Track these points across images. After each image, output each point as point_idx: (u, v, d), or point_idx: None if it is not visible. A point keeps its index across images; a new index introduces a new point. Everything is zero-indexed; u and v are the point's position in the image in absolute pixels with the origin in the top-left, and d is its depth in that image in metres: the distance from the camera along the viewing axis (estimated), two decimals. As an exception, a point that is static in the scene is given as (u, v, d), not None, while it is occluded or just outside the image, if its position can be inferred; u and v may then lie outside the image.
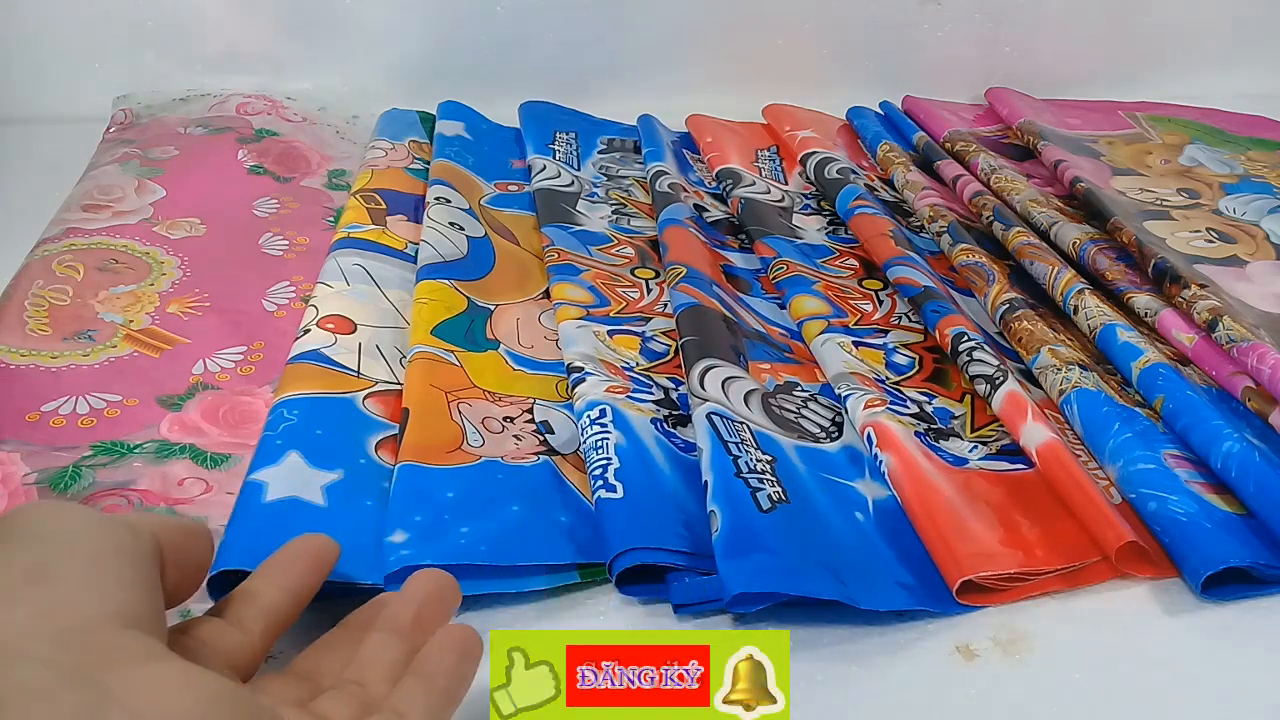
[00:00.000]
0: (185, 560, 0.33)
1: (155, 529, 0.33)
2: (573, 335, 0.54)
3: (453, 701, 0.34)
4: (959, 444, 0.49)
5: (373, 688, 0.34)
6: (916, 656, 0.41)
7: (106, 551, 0.30)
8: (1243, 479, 0.45)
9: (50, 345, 0.54)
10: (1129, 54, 0.88)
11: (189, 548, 0.34)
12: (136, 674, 0.27)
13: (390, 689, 0.33)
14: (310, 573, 0.37)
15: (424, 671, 0.34)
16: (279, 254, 0.63)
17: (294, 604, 0.36)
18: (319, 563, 0.37)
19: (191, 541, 0.34)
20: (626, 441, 0.46)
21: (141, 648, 0.28)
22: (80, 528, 0.31)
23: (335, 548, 0.38)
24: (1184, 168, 0.74)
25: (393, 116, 0.78)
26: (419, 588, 0.37)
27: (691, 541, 0.43)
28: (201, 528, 0.35)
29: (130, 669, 0.27)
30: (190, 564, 0.34)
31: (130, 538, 0.31)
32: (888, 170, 0.72)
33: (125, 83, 0.80)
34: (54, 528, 0.31)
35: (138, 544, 0.31)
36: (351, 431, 0.48)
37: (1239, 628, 0.42)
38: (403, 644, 0.35)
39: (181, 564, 0.33)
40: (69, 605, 0.28)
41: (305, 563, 0.37)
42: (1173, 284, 0.55)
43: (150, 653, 0.28)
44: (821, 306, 0.58)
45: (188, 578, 0.34)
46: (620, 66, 0.84)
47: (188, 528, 0.34)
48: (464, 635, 0.35)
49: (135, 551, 0.31)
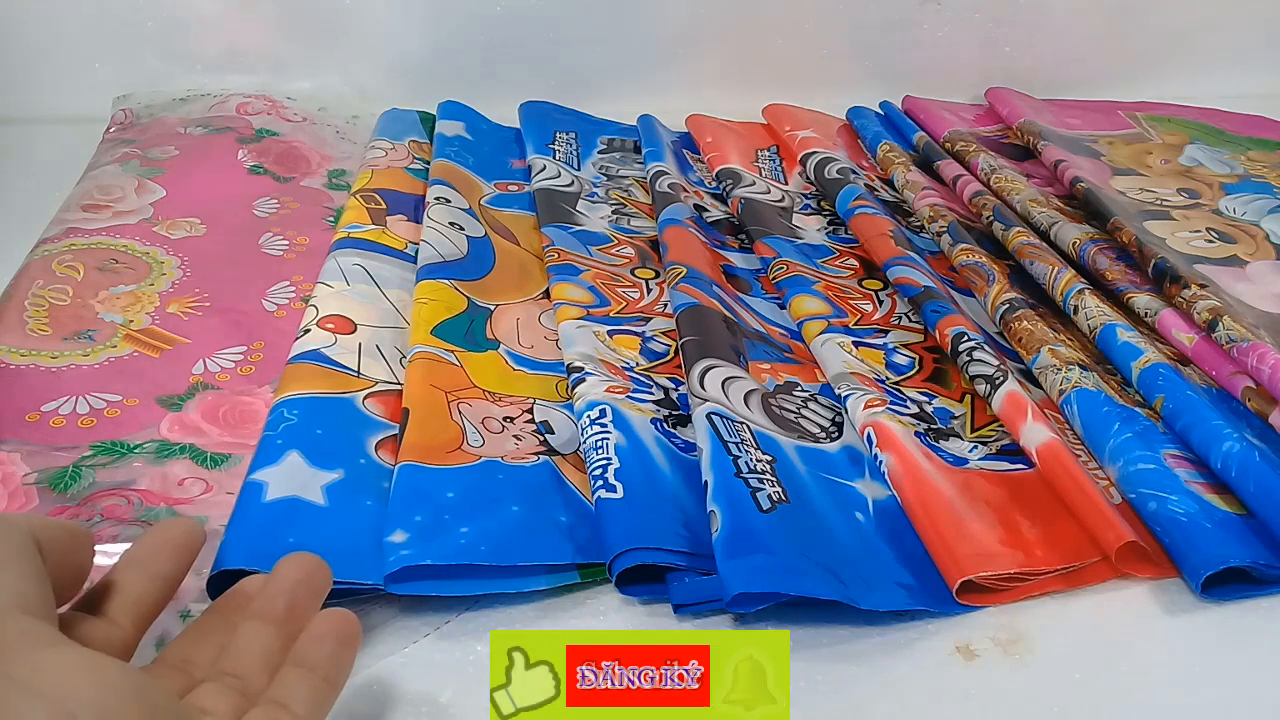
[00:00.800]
0: (65, 562, 0.33)
1: (34, 527, 0.32)
2: (573, 335, 0.54)
3: (335, 688, 0.33)
4: (959, 444, 0.49)
5: (250, 679, 0.33)
6: (916, 656, 0.41)
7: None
8: (1243, 479, 0.45)
9: (50, 345, 0.54)
10: (1129, 54, 0.88)
11: (69, 549, 0.33)
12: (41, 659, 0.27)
13: (268, 679, 0.33)
14: (175, 559, 0.36)
15: (303, 660, 0.33)
16: (279, 254, 0.63)
17: (163, 591, 0.35)
18: (183, 549, 0.36)
19: (71, 542, 0.33)
20: (626, 441, 0.46)
21: (44, 634, 0.28)
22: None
23: (199, 530, 0.37)
24: (1184, 168, 0.74)
25: (393, 116, 0.78)
26: (288, 575, 0.36)
27: (691, 542, 0.43)
28: (83, 531, 0.34)
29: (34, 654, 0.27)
30: (71, 565, 0.33)
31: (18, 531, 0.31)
32: (888, 170, 0.72)
33: (125, 83, 0.80)
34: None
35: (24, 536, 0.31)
36: (351, 431, 0.48)
37: (1239, 628, 0.42)
38: (277, 632, 0.34)
39: (60, 565, 0.32)
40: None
41: (170, 549, 0.36)
42: (1173, 284, 0.55)
43: (52, 639, 0.28)
44: (821, 307, 0.58)
45: (68, 579, 0.33)
46: (620, 66, 0.84)
47: (69, 529, 0.34)
48: (341, 620, 0.34)
49: (23, 543, 0.31)
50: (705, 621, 0.41)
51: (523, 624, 0.41)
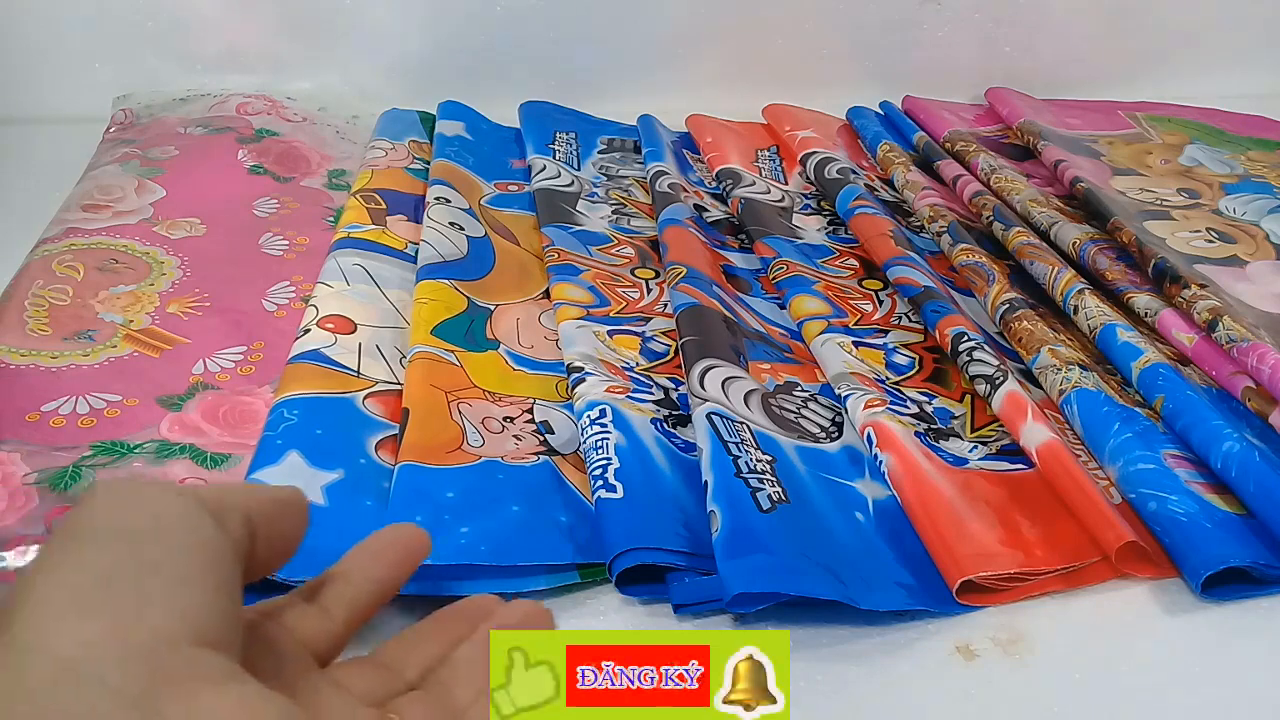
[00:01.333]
0: (276, 532, 0.32)
1: (246, 504, 0.32)
2: (573, 335, 0.54)
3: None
4: (959, 444, 0.49)
5: (460, 697, 0.33)
6: (916, 656, 0.41)
7: (184, 553, 0.29)
8: (1243, 479, 0.45)
9: (50, 345, 0.54)
10: (1129, 54, 0.88)
11: (281, 518, 0.33)
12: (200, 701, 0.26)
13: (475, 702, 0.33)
14: (398, 565, 0.36)
15: None
16: (279, 254, 0.63)
17: (380, 594, 0.35)
18: (408, 553, 0.36)
19: (284, 511, 0.33)
20: (626, 441, 0.46)
21: (211, 669, 0.27)
22: (158, 524, 0.29)
23: (425, 539, 0.37)
24: (1184, 168, 0.74)
25: (393, 116, 0.78)
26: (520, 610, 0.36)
27: (691, 542, 0.43)
28: (296, 495, 0.34)
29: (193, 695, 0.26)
30: (282, 535, 0.33)
31: (212, 532, 0.30)
32: (888, 170, 0.72)
33: (125, 83, 0.80)
34: (131, 524, 0.29)
35: (218, 538, 0.30)
36: (351, 431, 0.48)
37: (1239, 628, 0.42)
38: None
39: (272, 537, 0.32)
40: (138, 620, 0.27)
41: (394, 554, 0.36)
42: (1173, 284, 0.55)
43: (219, 675, 0.27)
44: (821, 306, 0.58)
45: (278, 551, 0.33)
46: (620, 66, 0.84)
47: (280, 497, 0.33)
48: None
49: (215, 549, 0.30)
50: (705, 621, 0.42)
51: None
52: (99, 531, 0.29)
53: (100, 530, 0.29)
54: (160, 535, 0.29)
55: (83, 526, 0.29)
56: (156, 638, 0.27)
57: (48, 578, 0.28)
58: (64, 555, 0.28)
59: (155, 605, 0.27)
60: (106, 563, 0.28)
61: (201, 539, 0.30)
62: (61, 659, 0.26)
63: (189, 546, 0.29)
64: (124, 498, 0.30)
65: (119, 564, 0.28)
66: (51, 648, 0.26)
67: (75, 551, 0.28)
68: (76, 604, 0.27)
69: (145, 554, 0.28)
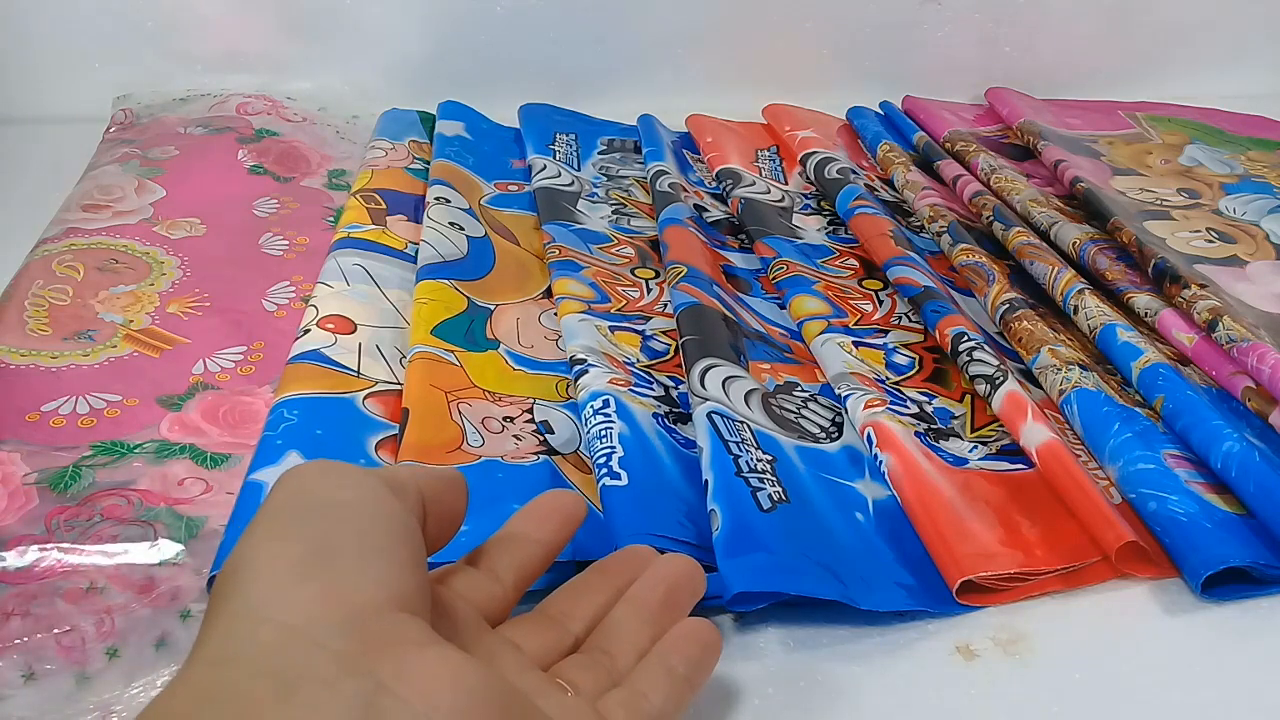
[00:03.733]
0: (444, 512, 0.34)
1: (420, 484, 0.33)
2: (575, 328, 0.54)
3: (692, 690, 0.35)
4: (959, 444, 0.49)
5: (618, 659, 0.34)
6: (916, 656, 0.41)
7: (382, 527, 0.31)
8: (1243, 479, 0.45)
9: (50, 345, 0.54)
10: (1129, 54, 0.88)
11: (448, 500, 0.34)
12: (408, 662, 0.28)
13: (633, 664, 0.34)
14: (561, 528, 0.37)
15: (669, 656, 0.35)
16: (279, 254, 0.63)
17: (545, 557, 0.37)
18: (569, 519, 0.38)
19: (450, 491, 0.35)
20: (630, 431, 0.46)
21: (414, 633, 0.29)
22: (356, 499, 0.31)
23: (583, 505, 0.38)
24: (1184, 168, 0.74)
25: (393, 116, 0.78)
26: (671, 569, 0.37)
27: (694, 533, 0.43)
28: (458, 477, 0.35)
29: (403, 657, 0.28)
30: (447, 515, 0.34)
31: (400, 508, 0.32)
32: (888, 170, 0.72)
33: (125, 83, 0.80)
34: (332, 498, 0.31)
35: (406, 514, 0.32)
36: (351, 431, 0.48)
37: (1239, 628, 0.42)
38: (651, 622, 0.36)
39: (440, 516, 0.34)
40: (351, 588, 0.29)
41: (558, 518, 0.38)
42: (1173, 284, 0.55)
43: (421, 638, 0.29)
44: (821, 306, 0.58)
45: (445, 529, 0.35)
46: (620, 66, 0.84)
47: (447, 478, 0.35)
48: (707, 629, 0.36)
49: (406, 523, 0.32)
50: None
51: (523, 624, 0.41)
52: (309, 506, 0.31)
53: (310, 505, 0.31)
54: (360, 510, 0.31)
55: (291, 502, 0.31)
56: (366, 604, 0.29)
57: (267, 548, 0.29)
58: (279, 528, 0.30)
59: (364, 574, 0.29)
60: (318, 535, 0.30)
61: (394, 513, 0.32)
62: (286, 625, 0.28)
63: (386, 520, 0.31)
64: (324, 476, 0.32)
65: (330, 536, 0.30)
66: (276, 614, 0.28)
67: (288, 525, 0.30)
68: (296, 573, 0.29)
69: (351, 527, 0.30)
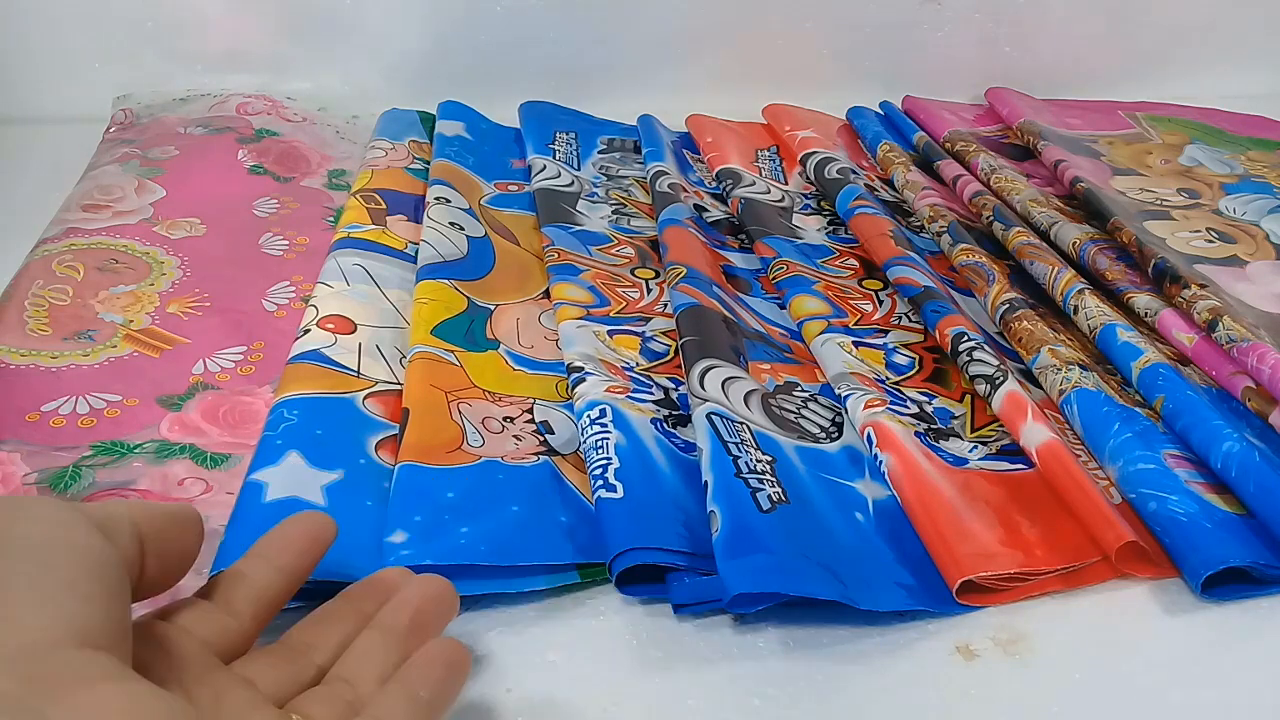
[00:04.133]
0: (168, 549, 0.32)
1: (136, 518, 0.32)
2: (573, 335, 0.54)
3: (435, 714, 0.33)
4: (959, 444, 0.49)
5: (360, 689, 0.33)
6: (916, 656, 0.41)
7: (65, 562, 0.29)
8: (1243, 479, 0.45)
9: (50, 345, 0.54)
10: (1129, 54, 0.88)
11: (173, 535, 0.33)
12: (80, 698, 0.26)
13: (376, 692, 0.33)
14: (306, 552, 0.36)
15: (410, 680, 0.33)
16: (279, 254, 0.63)
17: (288, 584, 0.35)
18: (315, 541, 0.36)
19: (176, 528, 0.33)
20: (627, 441, 0.46)
21: (93, 669, 0.27)
22: (40, 533, 0.29)
23: (332, 526, 0.37)
24: (1184, 168, 0.74)
25: (393, 116, 0.78)
26: (419, 591, 0.36)
27: (691, 542, 0.43)
28: (190, 512, 0.34)
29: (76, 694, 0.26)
30: (174, 552, 0.33)
31: (97, 540, 0.30)
32: (888, 170, 0.72)
33: (125, 83, 0.80)
34: (13, 533, 0.29)
35: (104, 548, 0.30)
36: (351, 431, 0.48)
37: (1239, 628, 0.42)
38: (397, 647, 0.35)
39: (164, 553, 0.32)
40: (20, 625, 0.27)
41: (301, 542, 0.36)
42: (1173, 284, 0.55)
43: (101, 673, 0.27)
44: (821, 306, 0.58)
45: (171, 566, 0.33)
46: (620, 66, 0.84)
47: (173, 513, 0.33)
48: (454, 649, 0.35)
49: (101, 558, 0.30)
50: (704, 621, 0.41)
51: (522, 623, 0.41)
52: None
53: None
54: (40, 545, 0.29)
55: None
56: (38, 641, 0.27)
57: None
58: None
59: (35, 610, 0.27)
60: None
61: (84, 548, 0.30)
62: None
63: (71, 555, 0.29)
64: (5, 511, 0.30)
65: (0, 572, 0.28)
66: None
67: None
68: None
69: (25, 564, 0.28)
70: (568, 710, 0.38)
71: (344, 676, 0.34)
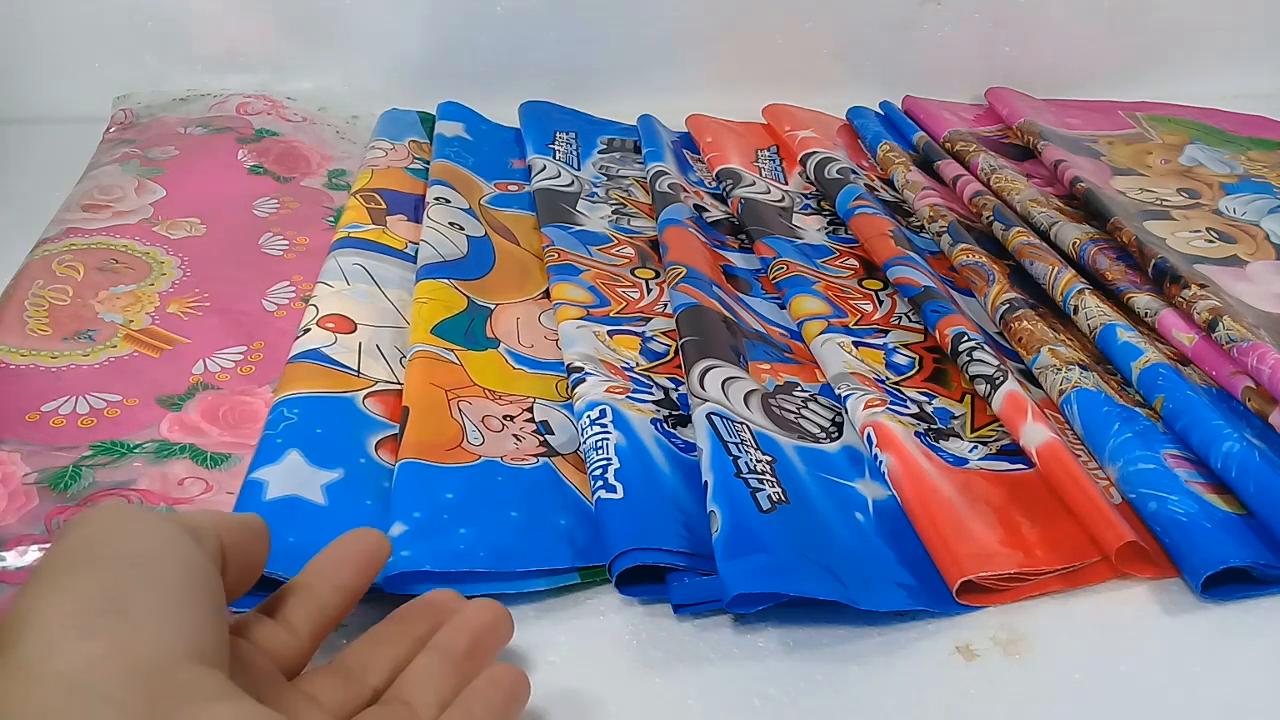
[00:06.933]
0: (245, 561, 0.33)
1: (220, 531, 0.32)
2: (573, 335, 0.54)
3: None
4: (959, 444, 0.49)
5: (420, 711, 0.33)
6: (916, 656, 0.41)
7: (181, 576, 0.30)
8: (1243, 479, 0.45)
9: (50, 345, 0.54)
10: (1129, 54, 0.88)
11: (249, 548, 0.34)
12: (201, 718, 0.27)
13: (436, 716, 0.33)
14: (362, 571, 0.36)
15: (472, 705, 0.34)
16: (279, 254, 0.63)
17: (344, 603, 0.36)
18: (371, 560, 0.37)
19: (252, 541, 0.34)
20: (626, 442, 0.46)
21: (208, 686, 0.28)
22: (151, 548, 0.30)
23: (387, 546, 0.37)
24: (1184, 168, 0.74)
25: (393, 116, 0.78)
26: (476, 617, 0.37)
27: (691, 542, 0.43)
28: (260, 524, 0.35)
29: (196, 712, 0.27)
30: (249, 564, 0.34)
31: (201, 556, 0.31)
32: (888, 170, 0.72)
33: (125, 83, 0.80)
34: (126, 548, 0.30)
35: (206, 562, 0.31)
36: (352, 431, 0.48)
37: (1239, 628, 0.42)
38: (454, 671, 0.35)
39: (241, 564, 0.33)
40: (142, 640, 0.28)
41: (357, 561, 0.37)
42: (1173, 284, 0.55)
43: (216, 692, 0.28)
44: (821, 306, 0.58)
45: (245, 577, 0.34)
46: (620, 66, 0.84)
47: (249, 526, 0.34)
48: (515, 676, 0.35)
49: (206, 572, 0.31)
50: (704, 621, 0.41)
51: (522, 624, 0.41)
52: (97, 556, 0.29)
53: (99, 555, 0.29)
54: (155, 559, 0.30)
55: (80, 551, 0.30)
56: (158, 656, 0.27)
57: (50, 600, 0.28)
58: (64, 579, 0.29)
59: (155, 625, 0.28)
60: (106, 585, 0.29)
61: (191, 562, 0.30)
62: (68, 677, 0.26)
63: (182, 569, 0.30)
64: (117, 523, 0.31)
65: (119, 586, 0.29)
66: (58, 667, 0.26)
67: (75, 575, 0.29)
68: (80, 625, 0.27)
69: (143, 577, 0.29)
70: (568, 710, 0.38)
71: (402, 698, 0.34)
